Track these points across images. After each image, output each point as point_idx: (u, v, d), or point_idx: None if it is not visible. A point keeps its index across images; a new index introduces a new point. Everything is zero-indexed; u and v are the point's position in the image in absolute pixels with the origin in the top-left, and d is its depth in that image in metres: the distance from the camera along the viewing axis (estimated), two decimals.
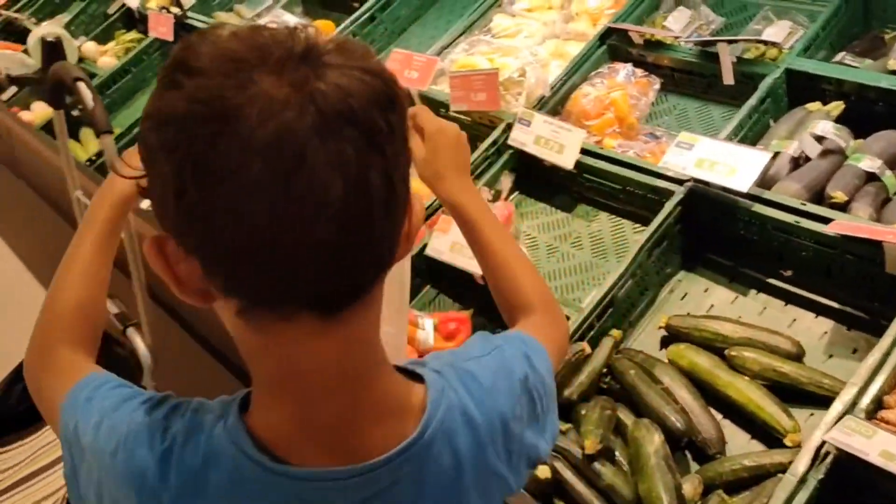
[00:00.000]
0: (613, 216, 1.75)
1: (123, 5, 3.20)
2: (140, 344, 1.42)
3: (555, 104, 1.88)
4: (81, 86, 1.22)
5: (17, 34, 3.57)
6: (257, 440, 0.60)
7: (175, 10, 2.85)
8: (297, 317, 0.55)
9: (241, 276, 0.54)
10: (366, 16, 2.51)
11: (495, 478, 0.69)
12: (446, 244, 1.65)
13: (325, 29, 2.58)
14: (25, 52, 3.10)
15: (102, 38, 3.20)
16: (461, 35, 2.23)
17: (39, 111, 3.04)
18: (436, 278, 1.76)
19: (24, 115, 3.01)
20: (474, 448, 0.66)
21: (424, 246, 1.70)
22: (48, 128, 2.74)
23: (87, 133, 2.78)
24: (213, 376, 1.86)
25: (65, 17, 3.39)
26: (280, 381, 0.60)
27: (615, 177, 1.69)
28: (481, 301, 1.65)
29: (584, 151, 1.71)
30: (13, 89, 3.17)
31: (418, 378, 0.66)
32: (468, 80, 1.86)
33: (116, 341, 1.39)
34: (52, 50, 2.33)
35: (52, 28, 3.09)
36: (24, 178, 3.64)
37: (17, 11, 3.61)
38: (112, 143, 1.22)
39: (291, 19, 2.62)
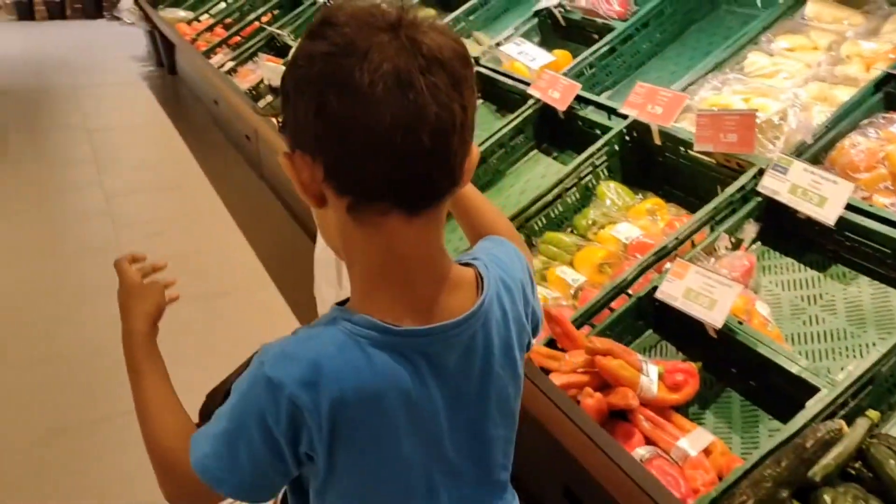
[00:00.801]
0: (876, 282, 1.56)
1: None
2: None
3: (816, 152, 1.72)
4: None
5: (278, 49, 3.96)
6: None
7: None
8: (390, 212, 0.75)
9: (356, 173, 0.74)
10: (605, 48, 2.47)
11: (524, 331, 0.92)
12: (680, 290, 1.56)
13: (563, 59, 2.59)
14: (286, 65, 3.42)
15: None
16: (709, 72, 2.13)
17: None
18: (661, 323, 1.67)
19: (276, 122, 3.30)
20: (512, 304, 0.89)
21: (654, 288, 1.62)
22: None
23: None
24: None
25: None
26: (383, 268, 0.79)
27: (884, 238, 1.51)
28: (710, 354, 1.54)
29: (848, 207, 1.54)
30: (269, 98, 3.51)
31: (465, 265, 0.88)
32: (719, 120, 1.76)
33: None
34: None
35: None
36: (265, 179, 4.00)
37: (279, 28, 4.00)
38: None
39: (529, 48, 2.65)
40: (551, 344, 1.62)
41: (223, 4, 5.26)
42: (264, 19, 4.40)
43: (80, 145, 4.96)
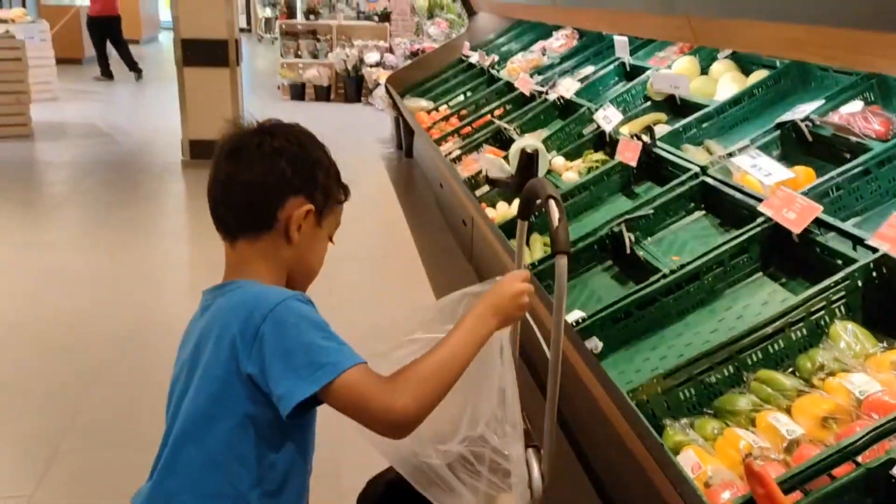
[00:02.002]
0: None
1: (598, 128, 3.38)
2: (535, 467, 1.34)
3: None
4: (552, 204, 1.22)
5: (503, 142, 4.06)
6: None
7: (645, 138, 2.89)
8: (225, 238, 1.26)
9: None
10: (858, 169, 2.19)
11: (227, 333, 1.15)
12: None
13: (804, 178, 2.33)
14: (506, 158, 3.47)
15: (572, 155, 3.40)
16: None
17: (501, 211, 3.35)
18: None
19: (489, 212, 3.34)
20: (224, 320, 1.17)
21: (891, 461, 1.32)
22: (504, 226, 2.99)
23: (535, 238, 2.95)
24: None
25: (544, 133, 3.73)
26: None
27: None
28: None
29: None
30: (485, 188, 3.57)
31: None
32: None
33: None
34: (528, 160, 2.52)
35: (532, 141, 3.40)
36: (474, 263, 4.05)
37: (507, 123, 4.11)
38: (565, 265, 1.19)
39: (765, 162, 2.43)
40: None
41: (461, 97, 5.56)
42: (496, 113, 4.55)
43: None
